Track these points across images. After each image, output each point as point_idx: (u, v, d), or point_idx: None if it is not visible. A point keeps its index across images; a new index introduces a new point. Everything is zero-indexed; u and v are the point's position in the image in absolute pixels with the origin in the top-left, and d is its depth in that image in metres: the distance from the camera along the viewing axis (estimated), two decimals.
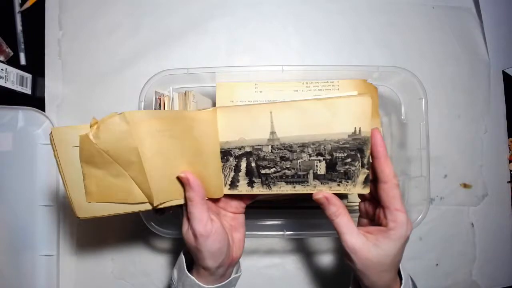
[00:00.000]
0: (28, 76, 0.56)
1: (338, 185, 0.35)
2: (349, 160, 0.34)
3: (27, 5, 0.58)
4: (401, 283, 0.36)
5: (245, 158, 0.36)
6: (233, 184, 0.37)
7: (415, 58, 0.59)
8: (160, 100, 0.45)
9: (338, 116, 0.33)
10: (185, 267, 0.38)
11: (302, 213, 0.53)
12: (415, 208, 0.47)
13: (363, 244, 0.33)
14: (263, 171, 0.36)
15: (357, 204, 0.51)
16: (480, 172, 0.58)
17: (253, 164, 0.36)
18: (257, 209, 0.52)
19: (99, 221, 0.56)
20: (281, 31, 0.59)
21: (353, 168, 0.34)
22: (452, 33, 0.60)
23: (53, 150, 0.33)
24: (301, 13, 0.59)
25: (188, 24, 0.59)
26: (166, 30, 0.59)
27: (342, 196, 0.51)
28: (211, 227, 0.35)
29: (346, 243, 0.33)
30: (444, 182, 0.58)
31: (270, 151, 0.35)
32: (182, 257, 0.40)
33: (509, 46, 0.59)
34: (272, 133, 0.34)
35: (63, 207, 0.56)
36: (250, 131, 0.35)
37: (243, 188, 0.37)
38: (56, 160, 0.34)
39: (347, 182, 0.35)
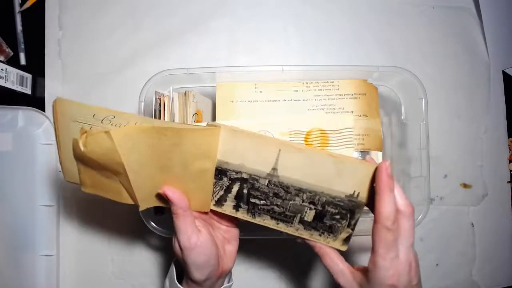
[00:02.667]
0: (28, 76, 0.56)
1: (320, 235, 0.36)
2: (338, 217, 0.35)
3: (27, 5, 0.58)
4: None
5: (239, 183, 0.35)
6: (220, 202, 0.37)
7: (415, 58, 0.59)
8: (160, 100, 0.45)
9: (342, 176, 0.33)
10: (175, 278, 0.38)
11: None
12: (415, 208, 0.47)
13: (347, 283, 0.33)
14: (252, 200, 0.36)
15: None
16: (480, 172, 0.58)
17: (245, 191, 0.36)
18: None
19: (99, 221, 0.56)
20: (281, 31, 0.59)
21: (338, 225, 0.35)
22: (452, 33, 0.60)
23: (54, 119, 0.34)
24: (301, 13, 0.59)
25: (188, 24, 0.59)
26: (166, 30, 0.58)
27: None
28: (196, 239, 0.34)
29: (336, 281, 0.34)
30: (444, 182, 0.58)
31: (266, 184, 0.35)
32: (173, 267, 0.40)
33: (509, 46, 0.59)
34: (274, 169, 0.34)
35: (63, 207, 0.56)
36: (252, 160, 0.34)
37: (227, 208, 0.37)
38: (55, 129, 0.34)
39: (329, 235, 0.35)
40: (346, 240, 0.35)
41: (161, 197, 0.36)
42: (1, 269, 0.53)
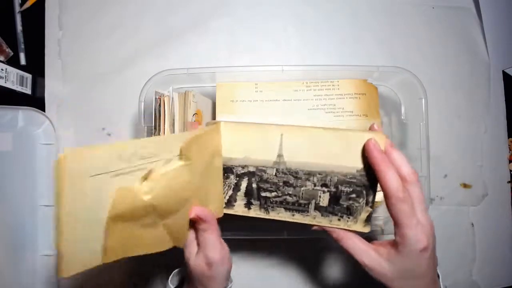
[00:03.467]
0: (28, 76, 0.56)
1: (339, 219, 0.34)
2: (354, 195, 0.33)
3: (27, 5, 0.58)
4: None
5: (246, 178, 0.34)
6: (230, 203, 0.35)
7: (415, 58, 0.59)
8: (160, 100, 0.45)
9: (350, 150, 0.32)
10: None
11: None
12: None
13: (374, 260, 0.32)
14: (263, 194, 0.34)
15: None
16: (480, 172, 0.58)
17: (254, 185, 0.34)
18: None
19: None
20: (281, 31, 0.59)
21: (356, 204, 0.33)
22: (452, 33, 0.60)
23: (57, 181, 0.24)
24: (301, 13, 0.59)
25: (188, 24, 0.59)
26: (166, 30, 0.58)
27: None
28: (225, 251, 0.34)
29: (361, 263, 0.33)
30: (444, 182, 0.58)
31: (274, 174, 0.34)
32: (173, 281, 0.38)
33: (509, 46, 0.59)
34: (280, 156, 0.33)
35: None
36: (257, 150, 0.33)
37: (239, 208, 0.35)
38: (57, 195, 0.24)
39: (349, 218, 0.34)
40: (367, 220, 0.34)
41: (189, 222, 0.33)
42: (1, 269, 0.53)
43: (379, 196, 0.51)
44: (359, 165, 0.32)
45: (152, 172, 0.27)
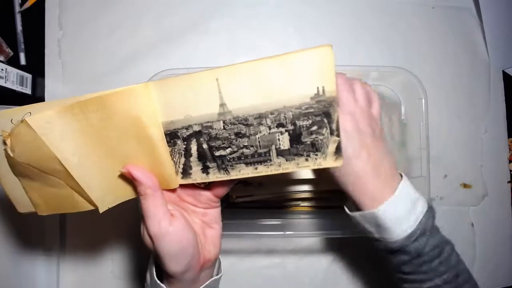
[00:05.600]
0: (28, 76, 0.56)
1: (306, 159, 0.29)
2: (315, 128, 0.29)
3: (27, 5, 0.58)
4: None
5: (194, 139, 0.30)
6: (186, 171, 0.31)
7: (415, 58, 0.59)
8: None
9: (296, 76, 0.27)
10: (154, 274, 0.33)
11: (302, 213, 0.53)
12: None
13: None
14: (217, 153, 0.30)
15: None
16: (480, 172, 0.58)
17: (204, 146, 0.30)
18: (257, 209, 0.52)
19: (99, 221, 0.56)
20: (281, 31, 0.59)
21: (321, 137, 0.29)
22: (452, 33, 0.60)
23: None
24: (301, 13, 0.59)
25: (188, 24, 0.59)
26: (166, 30, 0.59)
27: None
28: (168, 224, 0.30)
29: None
30: (444, 182, 0.58)
31: (222, 127, 0.29)
32: (152, 262, 0.35)
33: (509, 46, 0.59)
34: (222, 105, 0.29)
35: None
36: (196, 105, 0.29)
37: (197, 175, 0.31)
38: None
39: (316, 155, 0.29)
40: (337, 151, 0.29)
41: (122, 188, 0.31)
42: (1, 269, 0.53)
43: None
44: (312, 90, 0.27)
45: (12, 131, 0.29)
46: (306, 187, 0.49)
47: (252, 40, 0.59)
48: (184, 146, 0.30)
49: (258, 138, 0.29)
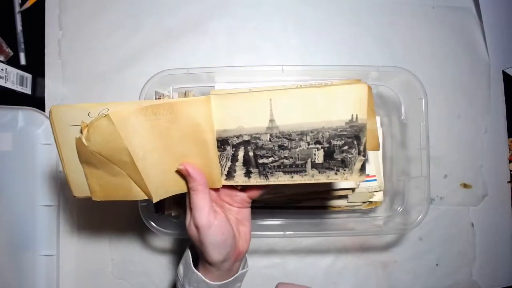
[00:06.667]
0: (28, 76, 0.56)
1: (336, 173, 0.35)
2: (346, 147, 0.34)
3: (27, 5, 0.58)
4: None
5: (243, 147, 0.35)
6: (230, 174, 0.36)
7: (415, 58, 0.59)
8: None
9: (336, 104, 0.33)
10: (191, 262, 0.37)
11: (302, 213, 0.53)
12: (415, 208, 0.47)
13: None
14: (260, 161, 0.35)
15: (358, 204, 0.52)
16: (480, 172, 0.58)
17: (250, 154, 0.35)
18: (257, 209, 0.52)
19: (99, 221, 0.56)
20: (281, 31, 0.59)
21: (350, 156, 0.34)
22: (452, 33, 0.60)
23: (52, 129, 0.34)
24: (301, 13, 0.59)
25: (188, 24, 0.59)
26: (166, 30, 0.59)
27: (342, 197, 0.51)
28: (214, 217, 0.34)
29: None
30: (444, 182, 0.58)
31: (268, 139, 0.35)
32: (188, 252, 0.39)
33: (509, 46, 0.59)
34: (271, 121, 0.34)
35: (63, 207, 0.56)
36: (249, 119, 0.34)
37: (239, 178, 0.36)
38: (55, 139, 0.34)
39: (344, 170, 0.35)
40: (362, 169, 0.35)
41: (176, 181, 0.36)
42: (1, 269, 0.53)
43: (379, 196, 0.52)
44: (347, 117, 0.33)
45: (91, 123, 0.32)
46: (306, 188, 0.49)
47: (252, 40, 0.59)
48: (233, 152, 0.35)
49: (298, 151, 0.35)
